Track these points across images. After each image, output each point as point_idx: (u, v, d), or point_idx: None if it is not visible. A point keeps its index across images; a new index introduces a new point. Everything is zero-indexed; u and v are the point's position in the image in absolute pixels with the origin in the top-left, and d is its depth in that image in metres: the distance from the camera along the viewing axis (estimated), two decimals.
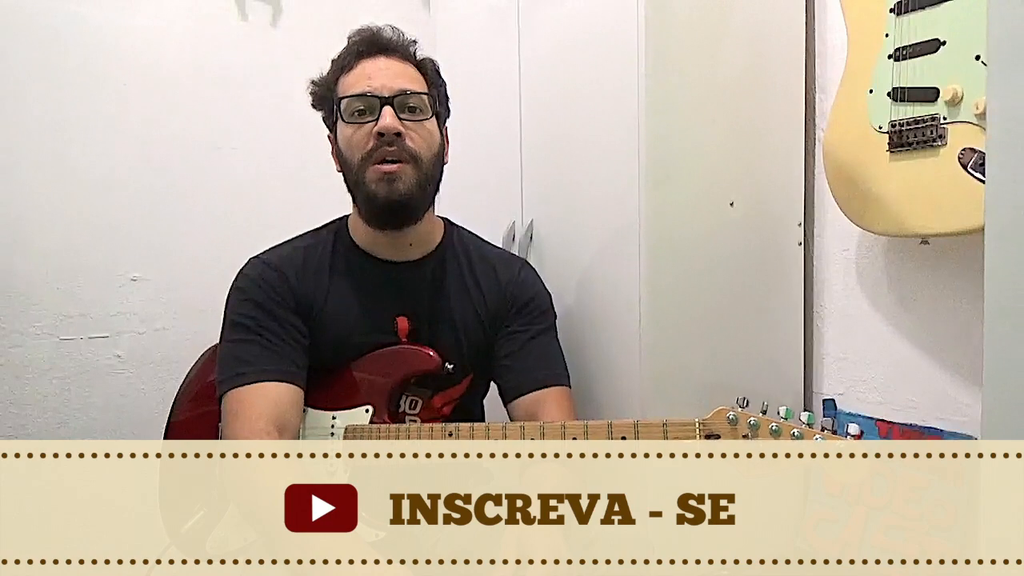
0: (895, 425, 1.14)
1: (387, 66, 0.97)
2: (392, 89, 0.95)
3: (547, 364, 1.03)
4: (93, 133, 1.46)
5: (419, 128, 0.96)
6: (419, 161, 0.95)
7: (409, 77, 0.98)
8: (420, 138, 0.96)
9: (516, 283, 1.07)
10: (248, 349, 0.94)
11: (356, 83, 0.96)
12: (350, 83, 0.97)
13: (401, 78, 0.96)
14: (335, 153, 1.02)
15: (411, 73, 0.99)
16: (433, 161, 0.98)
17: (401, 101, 0.95)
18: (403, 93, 0.95)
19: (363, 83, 0.95)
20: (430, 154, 0.98)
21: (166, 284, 1.54)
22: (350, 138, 0.95)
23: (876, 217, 1.04)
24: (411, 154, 0.95)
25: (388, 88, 0.94)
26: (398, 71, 0.97)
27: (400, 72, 0.97)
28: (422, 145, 0.96)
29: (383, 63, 0.97)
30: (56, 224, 1.43)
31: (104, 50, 1.46)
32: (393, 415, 0.98)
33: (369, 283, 1.01)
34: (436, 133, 1.00)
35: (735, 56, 1.14)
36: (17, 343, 1.41)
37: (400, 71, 0.97)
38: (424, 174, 0.96)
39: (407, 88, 0.96)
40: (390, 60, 0.98)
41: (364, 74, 0.96)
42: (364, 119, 0.95)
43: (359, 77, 0.96)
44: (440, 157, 1.01)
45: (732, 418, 0.79)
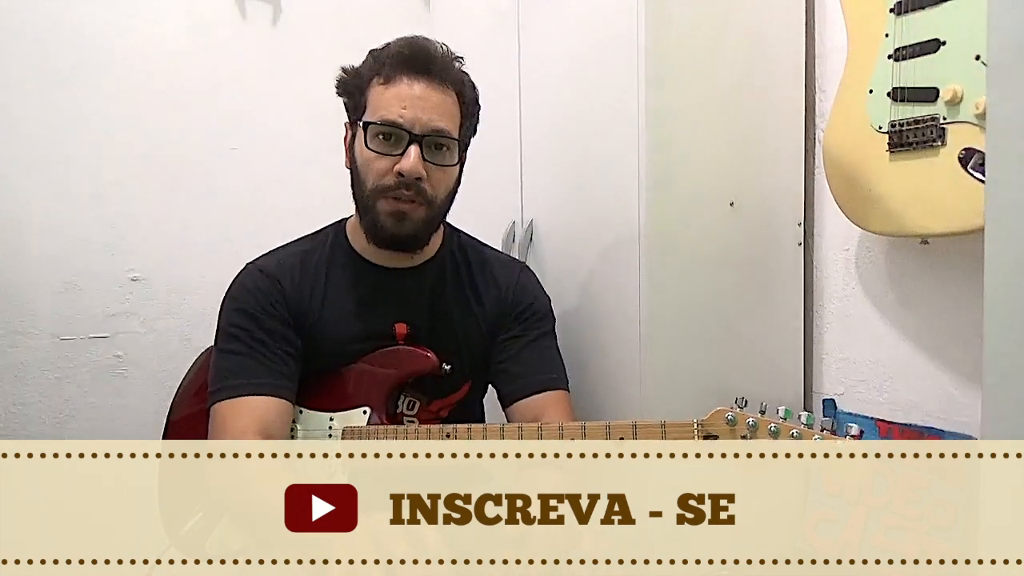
0: (895, 425, 1.14)
1: (425, 95, 0.91)
2: (424, 127, 0.90)
3: (546, 368, 1.03)
4: (93, 133, 1.46)
5: (441, 172, 0.94)
6: (433, 204, 0.94)
7: (445, 112, 0.92)
8: (440, 182, 0.94)
9: (515, 289, 1.06)
10: (237, 361, 0.94)
11: (389, 106, 0.90)
12: (383, 102, 0.91)
13: (437, 113, 0.91)
14: (348, 148, 0.99)
15: (448, 107, 0.93)
16: (446, 200, 0.97)
17: (430, 141, 0.91)
18: (434, 133, 0.91)
19: (396, 110, 0.90)
20: (445, 195, 0.97)
21: (166, 284, 1.54)
22: (369, 162, 0.93)
23: (876, 217, 1.04)
24: (427, 198, 0.93)
25: (421, 125, 0.90)
26: (436, 103, 0.91)
27: (437, 105, 0.92)
28: (440, 189, 0.95)
29: (422, 90, 0.91)
30: (56, 224, 1.43)
31: (104, 50, 1.46)
32: (391, 416, 0.98)
33: (367, 290, 1.01)
34: (455, 175, 0.98)
35: (735, 57, 1.14)
36: (17, 343, 1.41)
37: (438, 103, 0.92)
38: (434, 215, 0.96)
39: (440, 128, 0.91)
40: (430, 87, 0.91)
41: (400, 97, 0.90)
42: (388, 149, 0.91)
43: (394, 99, 0.91)
44: (454, 192, 1.00)
45: (731, 419, 0.79)
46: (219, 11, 1.59)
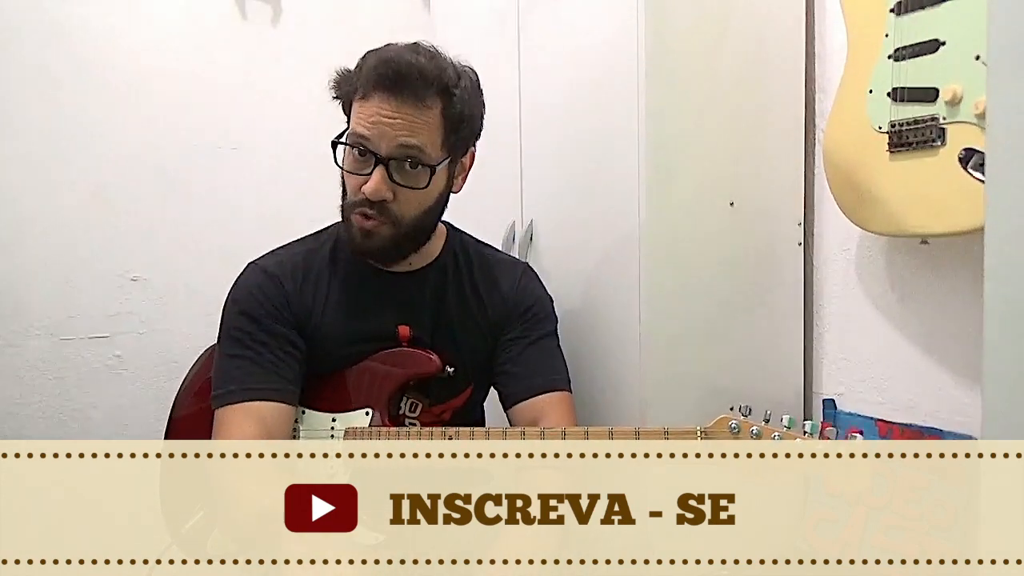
0: (895, 425, 1.14)
1: (396, 113, 0.86)
2: (391, 147, 0.87)
3: (547, 369, 1.03)
4: (93, 133, 1.46)
5: (410, 193, 0.91)
6: (399, 223, 0.92)
7: (419, 131, 0.88)
8: (408, 203, 0.92)
9: (517, 290, 1.06)
10: (240, 365, 0.94)
11: (359, 122, 0.88)
12: (356, 119, 0.89)
13: (407, 132, 0.87)
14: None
15: (423, 124, 0.88)
16: (419, 219, 0.94)
17: (398, 164, 0.89)
18: (402, 155, 0.88)
19: (363, 127, 0.88)
20: (417, 214, 0.93)
21: (166, 284, 1.54)
22: (345, 173, 0.94)
23: (876, 217, 1.04)
24: (392, 217, 0.91)
25: (387, 146, 0.87)
26: (406, 123, 0.87)
27: (409, 124, 0.87)
28: (408, 209, 0.92)
29: (393, 109, 0.86)
30: (56, 224, 1.43)
31: (104, 50, 1.46)
32: (393, 418, 0.98)
33: (369, 293, 1.01)
34: (431, 192, 0.93)
35: (735, 57, 1.14)
36: (17, 343, 1.41)
37: (409, 123, 0.87)
38: (403, 233, 0.93)
39: (409, 146, 0.87)
40: (404, 104, 0.86)
41: (368, 114, 0.87)
42: (358, 168, 0.90)
43: (364, 115, 0.88)
44: (435, 209, 0.97)
45: (735, 427, 0.79)
46: (219, 11, 1.59)
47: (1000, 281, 0.60)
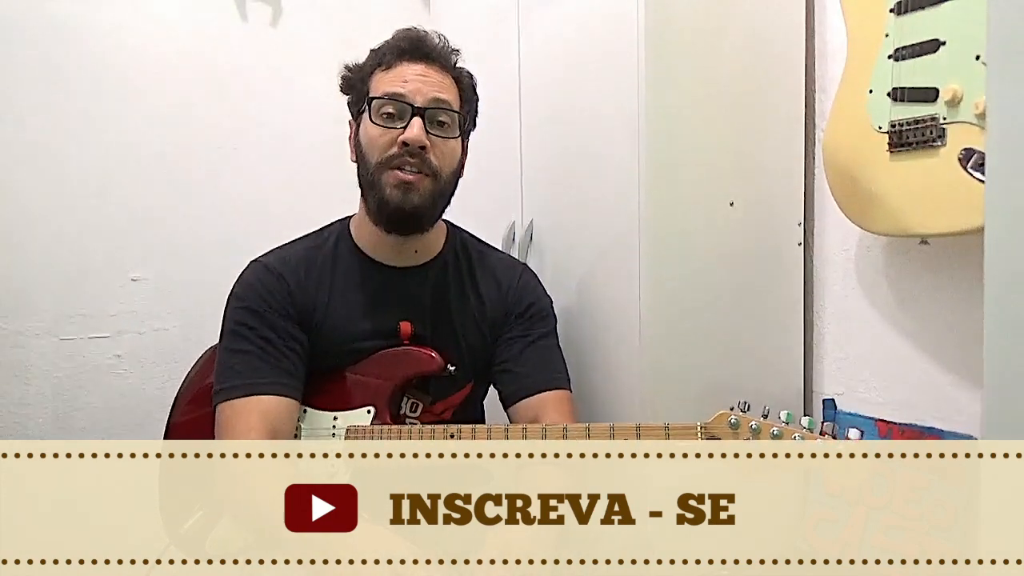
0: (895, 425, 1.14)
1: (425, 73, 0.96)
2: (426, 99, 0.94)
3: (547, 368, 1.03)
4: (93, 133, 1.46)
5: (444, 145, 0.96)
6: (438, 176, 0.96)
7: (445, 90, 0.97)
8: (443, 154, 0.96)
9: (516, 289, 1.06)
10: (243, 359, 0.94)
11: (391, 84, 0.95)
12: (385, 82, 0.96)
13: (437, 89, 0.95)
14: (353, 142, 1.01)
15: (448, 86, 0.97)
16: (451, 178, 0.99)
17: (432, 114, 0.94)
18: (436, 106, 0.95)
19: (398, 85, 0.94)
20: (450, 171, 0.98)
21: (166, 284, 1.54)
22: (374, 139, 0.95)
23: (876, 217, 1.04)
24: (432, 169, 0.95)
25: (422, 97, 0.94)
26: (436, 81, 0.96)
27: (437, 83, 0.96)
28: (444, 162, 0.96)
29: (422, 69, 0.96)
30: (56, 224, 1.43)
31: (104, 50, 1.46)
32: (394, 417, 0.98)
33: (372, 289, 1.01)
34: (459, 151, 1.00)
35: (735, 56, 1.14)
36: (17, 343, 1.41)
37: (438, 82, 0.96)
38: (440, 189, 0.97)
39: (442, 99, 0.95)
40: (430, 68, 0.96)
41: (401, 76, 0.95)
42: (392, 123, 0.94)
43: (395, 78, 0.95)
44: (458, 174, 1.02)
45: (734, 422, 0.79)
46: (219, 11, 1.59)
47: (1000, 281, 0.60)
